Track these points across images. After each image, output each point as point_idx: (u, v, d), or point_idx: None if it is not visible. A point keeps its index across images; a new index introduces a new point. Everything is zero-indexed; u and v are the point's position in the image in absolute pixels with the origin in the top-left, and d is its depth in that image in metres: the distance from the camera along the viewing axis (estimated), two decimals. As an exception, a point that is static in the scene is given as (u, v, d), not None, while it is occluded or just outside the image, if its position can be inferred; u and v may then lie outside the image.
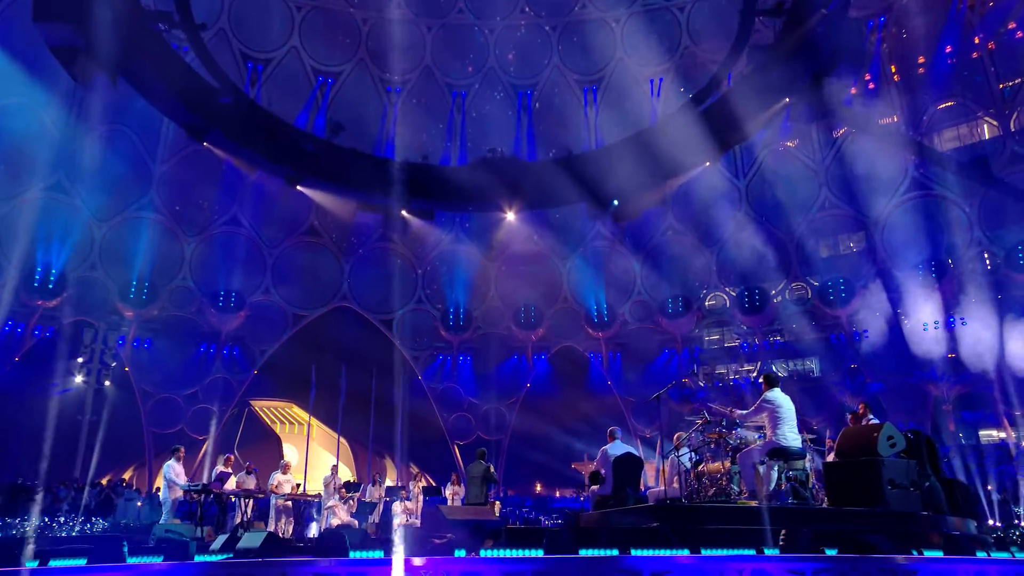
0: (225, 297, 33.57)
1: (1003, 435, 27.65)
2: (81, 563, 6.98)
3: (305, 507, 17.74)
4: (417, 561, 7.30)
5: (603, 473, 11.89)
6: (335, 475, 18.91)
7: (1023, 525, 18.76)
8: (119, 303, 31.58)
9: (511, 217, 30.19)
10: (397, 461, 33.97)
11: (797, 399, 11.42)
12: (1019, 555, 8.63)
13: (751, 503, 10.06)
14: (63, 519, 20.13)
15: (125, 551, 7.26)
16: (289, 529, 16.57)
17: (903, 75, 30.29)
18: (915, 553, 8.17)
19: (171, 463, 15.31)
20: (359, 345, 33.23)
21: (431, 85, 36.04)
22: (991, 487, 22.93)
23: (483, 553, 7.79)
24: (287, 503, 16.73)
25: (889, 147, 29.48)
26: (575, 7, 35.19)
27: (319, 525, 18.00)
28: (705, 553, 7.92)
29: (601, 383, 36.62)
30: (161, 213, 32.50)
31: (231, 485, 15.60)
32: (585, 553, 7.72)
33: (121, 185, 30.99)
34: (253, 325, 34.40)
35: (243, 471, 16.73)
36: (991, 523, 19.31)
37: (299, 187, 26.01)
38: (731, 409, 11.74)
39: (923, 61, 30.00)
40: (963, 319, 27.37)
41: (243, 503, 15.54)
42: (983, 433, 28.73)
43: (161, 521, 14.80)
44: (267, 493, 16.57)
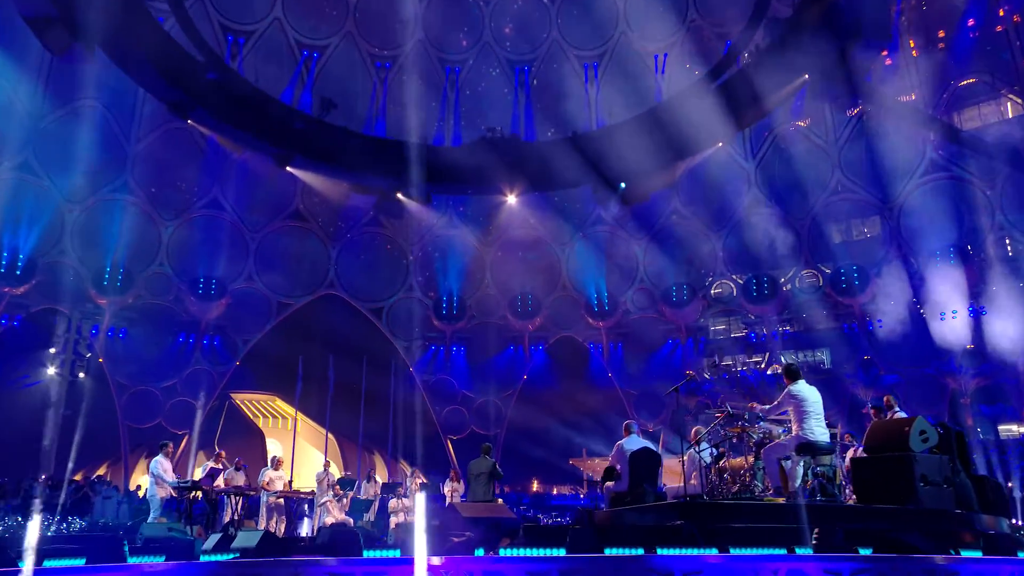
0: (205, 284, 33.37)
1: (1024, 430, 27.88)
2: (80, 563, 6.95)
3: (297, 505, 17.72)
4: (435, 560, 7.29)
5: (619, 469, 11.87)
6: (328, 471, 18.91)
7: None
8: (92, 290, 31.35)
9: (512, 200, 30.10)
10: (387, 457, 33.99)
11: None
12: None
13: (778, 500, 10.08)
14: (36, 518, 20.02)
15: (126, 550, 7.23)
16: (281, 528, 16.58)
17: (923, 50, 30.15)
18: (953, 553, 8.21)
19: (159, 459, 15.24)
20: (347, 335, 33.11)
21: (423, 60, 35.67)
22: (1012, 484, 23.09)
23: (502, 552, 7.78)
24: (279, 501, 16.73)
25: (907, 126, 29.40)
26: (576, -23, 34.95)
27: (312, 523, 18.01)
28: (734, 552, 7.94)
29: (601, 375, 36.63)
30: (136, 195, 32.16)
31: (220, 482, 15.57)
32: (610, 552, 7.72)
33: (94, 165, 30.58)
34: (235, 314, 34.20)
35: (232, 467, 16.71)
36: (1014, 522, 19.45)
37: (288, 168, 25.85)
38: (752, 404, 11.77)
39: (944, 35, 29.85)
40: (983, 308, 27.46)
41: (233, 501, 15.51)
42: (1003, 428, 28.84)
43: (149, 520, 14.76)
44: (259, 490, 16.56)
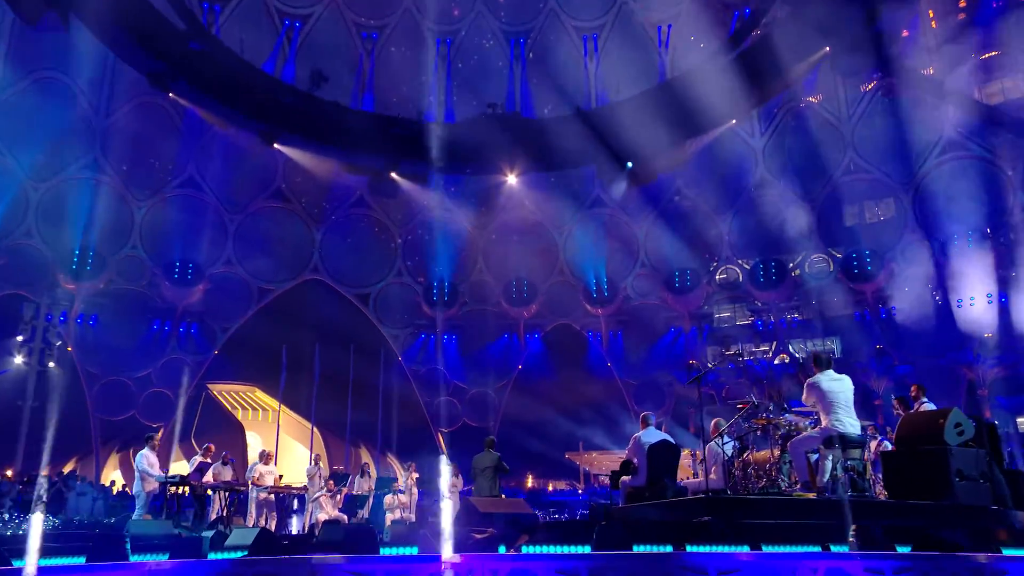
0: (181, 268, 33.28)
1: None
2: (80, 561, 6.91)
3: (288, 500, 17.72)
4: (455, 558, 7.28)
5: (636, 463, 11.88)
6: (319, 466, 18.88)
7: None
8: (59, 274, 31.16)
9: (512, 180, 29.98)
10: (375, 451, 33.98)
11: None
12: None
13: (808, 495, 10.11)
14: (7, 516, 19.96)
15: (128, 548, 7.20)
16: (272, 524, 16.59)
17: (942, 21, 30.09)
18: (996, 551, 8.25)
19: (145, 452, 15.13)
20: (331, 323, 33.06)
21: (413, 31, 35.44)
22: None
23: (524, 549, 7.77)
24: (269, 496, 16.72)
25: (927, 102, 29.39)
26: (574, -58, 34.72)
27: (302, 520, 18.01)
28: (767, 550, 7.95)
29: (600, 364, 36.69)
30: (107, 172, 31.90)
31: (209, 477, 15.54)
32: (639, 549, 7.72)
33: (60, 141, 30.43)
34: (213, 300, 34.16)
35: (219, 461, 16.66)
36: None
37: (276, 145, 25.64)
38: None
39: (964, 5, 29.82)
40: (1005, 295, 27.59)
41: (222, 496, 15.48)
42: (1022, 420, 29.11)
43: (134, 516, 14.71)
44: (248, 486, 16.54)
